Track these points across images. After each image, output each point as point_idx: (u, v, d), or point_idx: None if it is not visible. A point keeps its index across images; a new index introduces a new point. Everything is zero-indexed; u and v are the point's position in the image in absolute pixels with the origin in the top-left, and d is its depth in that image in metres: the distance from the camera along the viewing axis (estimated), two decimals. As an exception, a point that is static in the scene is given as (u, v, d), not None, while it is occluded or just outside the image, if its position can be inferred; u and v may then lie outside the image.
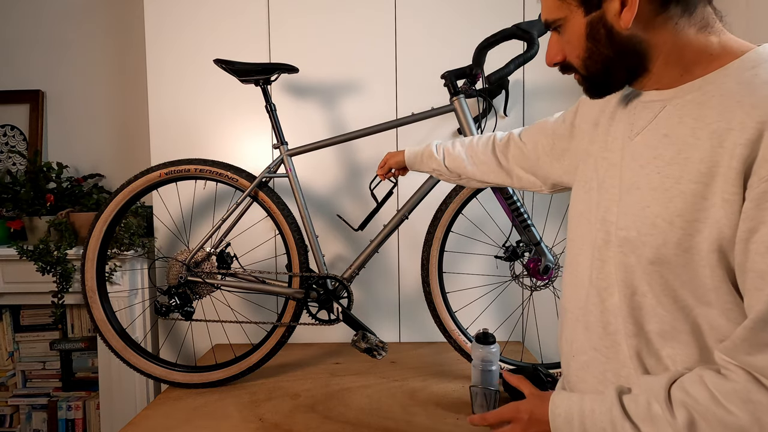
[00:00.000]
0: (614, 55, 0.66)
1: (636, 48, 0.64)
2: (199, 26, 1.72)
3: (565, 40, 0.70)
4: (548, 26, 0.71)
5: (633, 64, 0.66)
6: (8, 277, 1.78)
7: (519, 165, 1.03)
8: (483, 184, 1.14)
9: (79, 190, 1.89)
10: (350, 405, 1.31)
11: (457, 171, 1.14)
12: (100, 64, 2.03)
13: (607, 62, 0.67)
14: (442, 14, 1.69)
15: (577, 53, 0.69)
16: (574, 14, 0.66)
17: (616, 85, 0.71)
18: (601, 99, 0.77)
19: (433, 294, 1.44)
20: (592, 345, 0.73)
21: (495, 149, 1.07)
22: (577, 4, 0.65)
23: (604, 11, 0.64)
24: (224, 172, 1.42)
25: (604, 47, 0.66)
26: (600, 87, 0.72)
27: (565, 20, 0.67)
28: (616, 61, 0.66)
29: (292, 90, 1.73)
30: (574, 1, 0.66)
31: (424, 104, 1.69)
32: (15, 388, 1.96)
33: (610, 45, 0.65)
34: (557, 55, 0.72)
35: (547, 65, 0.75)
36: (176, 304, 1.39)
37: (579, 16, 0.66)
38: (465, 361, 1.47)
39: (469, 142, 1.14)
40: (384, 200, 1.39)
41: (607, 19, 0.64)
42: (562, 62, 0.72)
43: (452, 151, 1.14)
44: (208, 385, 1.43)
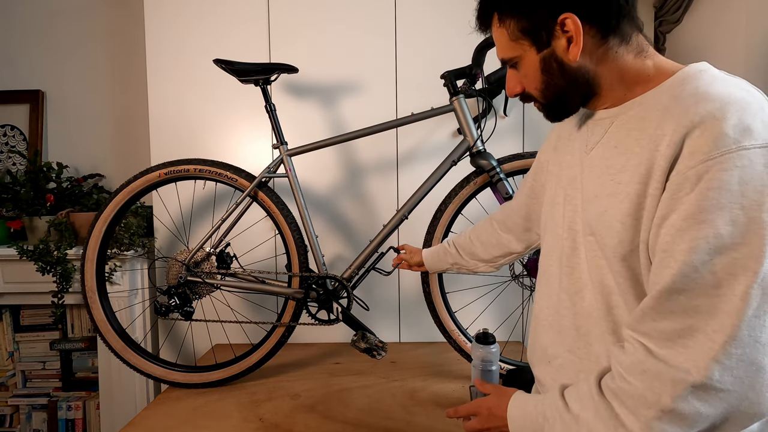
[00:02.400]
0: (567, 84, 0.74)
1: (585, 76, 0.73)
2: (199, 26, 1.72)
3: (522, 74, 0.78)
4: (504, 63, 0.79)
5: (584, 90, 0.74)
6: (8, 277, 1.78)
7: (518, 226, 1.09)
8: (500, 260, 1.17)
9: (79, 190, 1.89)
10: (350, 405, 1.31)
11: (475, 257, 1.19)
12: (100, 64, 2.03)
13: (562, 91, 0.75)
14: (442, 14, 1.69)
15: (534, 85, 0.77)
16: (527, 52, 0.75)
17: (572, 108, 0.79)
18: (559, 123, 0.89)
19: (433, 294, 1.44)
20: (567, 348, 0.79)
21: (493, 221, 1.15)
22: (529, 44, 0.74)
23: (554, 48, 0.72)
24: (224, 172, 1.42)
25: (558, 78, 0.74)
26: (558, 112, 0.79)
27: (520, 58, 0.76)
28: (569, 89, 0.74)
29: (292, 90, 1.73)
30: (525, 42, 0.74)
31: (424, 104, 1.69)
32: (15, 388, 1.96)
33: (562, 76, 0.73)
34: (516, 87, 0.80)
35: (509, 96, 0.83)
36: (176, 304, 1.39)
37: (532, 54, 0.74)
38: (465, 361, 1.47)
39: (473, 227, 1.22)
40: None
41: (557, 54, 0.72)
42: (522, 93, 0.80)
43: (461, 241, 1.22)
44: (208, 385, 1.43)
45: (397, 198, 1.74)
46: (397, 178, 1.74)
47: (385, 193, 1.74)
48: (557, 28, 0.70)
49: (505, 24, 0.74)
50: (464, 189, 1.40)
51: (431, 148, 1.72)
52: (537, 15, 0.71)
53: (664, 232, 0.60)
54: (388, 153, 1.74)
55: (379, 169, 1.74)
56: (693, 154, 0.59)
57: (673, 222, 0.59)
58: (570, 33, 0.70)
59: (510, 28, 0.74)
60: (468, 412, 0.84)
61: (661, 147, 0.63)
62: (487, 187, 1.40)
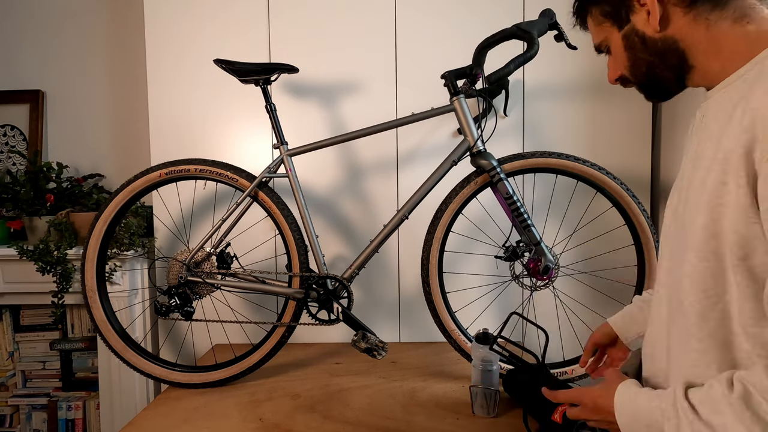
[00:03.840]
0: (653, 58, 0.73)
1: (671, 47, 0.70)
2: (199, 26, 1.72)
3: (614, 58, 0.79)
4: (599, 50, 0.82)
5: (674, 64, 0.71)
6: (8, 277, 1.78)
7: None
8: None
9: (79, 190, 1.89)
10: (350, 405, 1.31)
11: None
12: (100, 64, 2.03)
13: (649, 66, 0.74)
14: (442, 14, 1.69)
15: (624, 65, 0.78)
16: (611, 33, 0.76)
17: (668, 85, 0.76)
18: None
19: (433, 294, 1.44)
20: None
21: None
22: (611, 24, 0.76)
23: (634, 23, 0.72)
24: (224, 172, 1.42)
25: (642, 53, 0.73)
26: (654, 90, 0.78)
27: (608, 40, 0.78)
28: (657, 64, 0.73)
29: (292, 90, 1.73)
30: (607, 23, 0.76)
31: (424, 104, 1.69)
32: (15, 388, 1.96)
33: (645, 50, 0.73)
34: (615, 72, 0.81)
35: (610, 83, 0.84)
36: (176, 304, 1.39)
37: (615, 34, 0.76)
38: (465, 361, 1.47)
39: None
40: None
41: (638, 28, 0.72)
42: (621, 77, 0.80)
43: None
44: (208, 385, 1.43)
45: (397, 198, 1.74)
46: (397, 178, 1.74)
47: (385, 193, 1.74)
48: (634, 2, 0.71)
49: (591, 13, 0.78)
50: (464, 189, 1.40)
51: (431, 148, 1.72)
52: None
53: None
54: (388, 153, 1.74)
55: (379, 169, 1.74)
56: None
57: None
58: (647, 4, 0.69)
59: (594, 15, 0.77)
60: (570, 399, 0.82)
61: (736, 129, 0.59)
62: (487, 187, 1.40)
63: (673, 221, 0.77)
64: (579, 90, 1.69)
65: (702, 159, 0.67)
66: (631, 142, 1.69)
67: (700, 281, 0.65)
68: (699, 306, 0.65)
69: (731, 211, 0.60)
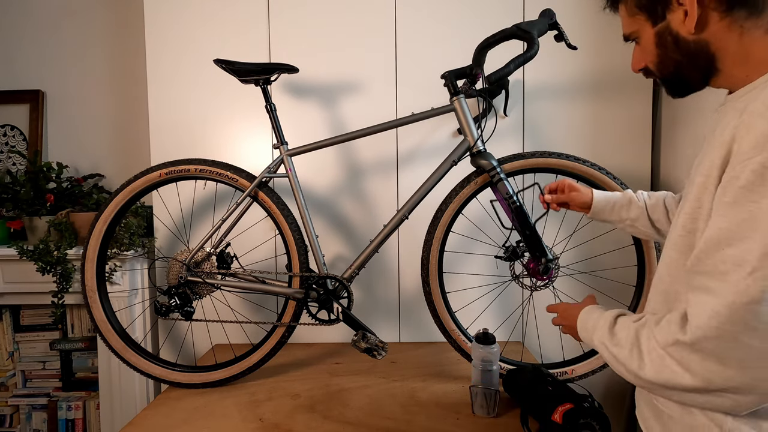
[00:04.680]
0: (683, 59, 0.73)
1: (703, 51, 0.71)
2: (199, 26, 1.72)
3: (641, 49, 0.79)
4: (627, 39, 0.81)
5: (703, 66, 0.73)
6: (8, 277, 1.78)
7: None
8: None
9: (79, 190, 1.89)
10: (350, 405, 1.31)
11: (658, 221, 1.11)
12: (100, 64, 2.03)
13: (677, 65, 0.75)
14: (442, 14, 1.69)
15: (651, 59, 0.78)
16: (644, 27, 0.76)
17: (693, 84, 0.77)
18: None
19: (433, 294, 1.44)
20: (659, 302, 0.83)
21: None
22: (645, 18, 0.75)
23: (669, 21, 0.72)
24: (224, 172, 1.42)
25: (673, 52, 0.74)
26: (677, 87, 0.79)
27: (638, 32, 0.78)
28: (686, 64, 0.74)
29: (292, 90, 1.73)
30: (642, 16, 0.76)
31: (424, 104, 1.69)
32: (15, 388, 1.96)
33: (677, 50, 0.73)
34: (639, 63, 0.81)
35: (633, 71, 0.84)
36: (176, 304, 1.39)
37: (648, 28, 0.76)
38: (465, 361, 1.47)
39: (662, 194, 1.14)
40: None
41: (673, 27, 0.72)
42: (645, 68, 0.81)
43: (650, 200, 1.13)
44: (208, 385, 1.43)
45: (397, 198, 1.74)
46: (397, 178, 1.74)
47: (385, 193, 1.74)
48: (673, 1, 0.70)
49: (625, 1, 0.77)
50: (464, 189, 1.40)
51: (431, 148, 1.72)
52: None
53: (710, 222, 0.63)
54: (388, 153, 1.74)
55: (379, 169, 1.74)
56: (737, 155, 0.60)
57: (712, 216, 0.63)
58: (686, 6, 0.69)
59: (628, 4, 0.77)
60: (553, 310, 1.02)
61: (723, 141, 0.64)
62: (487, 187, 1.40)
63: None
64: (579, 90, 1.69)
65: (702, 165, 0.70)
66: (631, 142, 1.69)
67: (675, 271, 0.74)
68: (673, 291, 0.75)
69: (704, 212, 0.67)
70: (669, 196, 1.12)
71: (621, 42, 1.64)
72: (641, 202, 1.13)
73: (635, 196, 1.15)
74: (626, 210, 1.14)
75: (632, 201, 1.14)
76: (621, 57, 1.67)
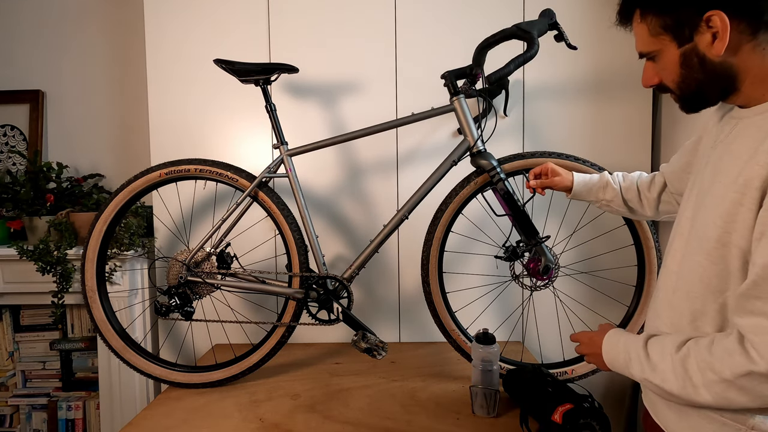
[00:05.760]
0: (706, 79, 0.74)
1: (727, 72, 0.73)
2: (199, 26, 1.72)
3: (660, 67, 0.79)
4: (643, 56, 0.80)
5: (725, 85, 0.74)
6: (8, 277, 1.78)
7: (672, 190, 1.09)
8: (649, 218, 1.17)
9: (79, 190, 1.89)
10: (350, 405, 1.31)
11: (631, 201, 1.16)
12: (100, 64, 2.03)
13: (700, 85, 0.75)
14: (442, 14, 1.69)
15: (672, 78, 0.78)
16: (667, 47, 0.75)
17: (710, 102, 0.79)
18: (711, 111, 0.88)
19: (433, 294, 1.44)
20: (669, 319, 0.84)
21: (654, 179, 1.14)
22: (670, 39, 0.74)
23: (696, 43, 0.72)
24: (224, 172, 1.42)
25: (698, 73, 0.74)
26: (694, 104, 0.80)
27: (660, 52, 0.77)
28: (708, 84, 0.75)
29: (292, 90, 1.73)
30: (666, 37, 0.74)
31: (424, 104, 1.69)
32: (15, 388, 1.96)
33: (702, 71, 0.74)
34: (653, 79, 0.81)
35: (643, 86, 0.85)
36: (176, 304, 1.39)
37: (672, 49, 0.75)
38: (465, 361, 1.48)
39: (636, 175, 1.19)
40: None
41: (700, 49, 0.72)
42: (658, 84, 0.81)
43: (624, 183, 1.18)
44: (208, 385, 1.43)
45: (397, 198, 1.74)
46: (397, 178, 1.74)
47: (385, 193, 1.74)
48: (702, 23, 0.70)
49: (647, 20, 0.76)
50: (464, 189, 1.40)
51: (431, 148, 1.72)
52: (682, 12, 0.72)
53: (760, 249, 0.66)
54: (388, 153, 1.74)
55: (379, 169, 1.74)
56: None
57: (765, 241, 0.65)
58: (715, 29, 0.69)
59: (651, 24, 0.75)
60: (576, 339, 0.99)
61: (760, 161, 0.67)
62: (487, 187, 1.40)
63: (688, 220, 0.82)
64: (579, 90, 1.69)
65: (724, 175, 0.73)
66: (631, 142, 1.69)
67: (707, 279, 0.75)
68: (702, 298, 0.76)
69: (740, 227, 0.69)
70: (642, 178, 1.17)
71: (621, 42, 1.65)
72: (616, 184, 1.18)
73: (611, 179, 1.20)
74: (602, 192, 1.20)
75: (608, 183, 1.19)
76: (621, 57, 1.67)
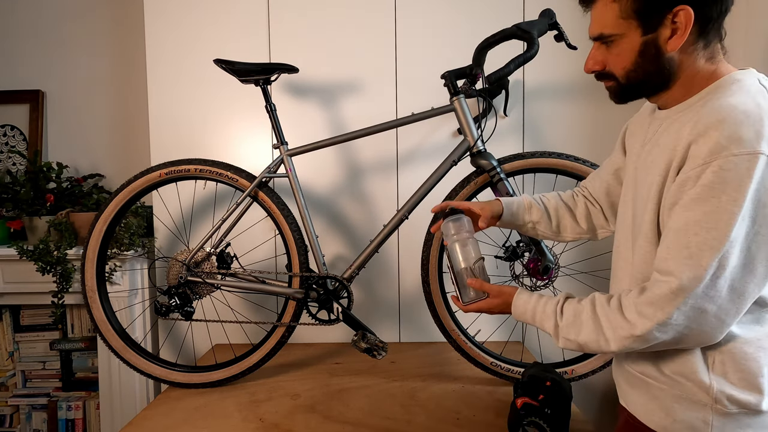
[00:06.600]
0: (655, 71, 0.78)
1: (672, 68, 0.78)
2: (199, 26, 1.72)
3: (615, 52, 0.80)
4: (599, 39, 0.81)
5: (664, 81, 0.79)
6: (8, 277, 1.78)
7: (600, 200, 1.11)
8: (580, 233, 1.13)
9: (79, 190, 1.89)
10: (350, 405, 1.31)
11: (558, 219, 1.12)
12: (100, 64, 2.03)
13: (647, 76, 0.79)
14: (442, 14, 1.69)
15: (623, 65, 0.80)
16: (631, 32, 0.77)
17: (642, 95, 0.84)
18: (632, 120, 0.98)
19: (433, 294, 1.44)
20: None
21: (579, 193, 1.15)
22: (637, 25, 0.76)
23: (658, 35, 0.76)
24: (224, 172, 1.42)
25: (651, 64, 0.78)
26: (629, 95, 0.84)
27: (621, 36, 0.78)
28: (654, 76, 0.79)
29: (292, 90, 1.73)
30: (634, 22, 0.76)
31: (424, 104, 1.69)
32: (15, 388, 1.96)
33: (655, 63, 0.78)
34: (597, 65, 0.84)
35: (585, 72, 0.86)
36: (176, 304, 1.39)
37: (636, 36, 0.77)
38: (465, 361, 1.48)
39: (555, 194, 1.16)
40: None
41: (659, 41, 0.76)
42: (601, 71, 0.84)
43: (549, 201, 1.14)
44: (208, 385, 1.43)
45: (397, 198, 1.74)
46: (397, 178, 1.74)
47: (385, 193, 1.74)
48: (669, 16, 0.74)
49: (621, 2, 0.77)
50: (464, 189, 1.40)
51: (431, 148, 1.72)
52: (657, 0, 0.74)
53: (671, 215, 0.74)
54: (388, 153, 1.74)
55: (379, 169, 1.74)
56: (695, 158, 0.71)
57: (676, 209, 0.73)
58: (678, 25, 0.74)
59: (624, 5, 0.76)
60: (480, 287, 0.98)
61: (679, 147, 0.74)
62: (487, 187, 1.40)
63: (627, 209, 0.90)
64: (579, 90, 1.69)
65: (655, 165, 0.79)
66: (631, 142, 1.69)
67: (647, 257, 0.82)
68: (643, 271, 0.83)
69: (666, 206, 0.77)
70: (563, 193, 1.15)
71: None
72: (540, 205, 1.13)
73: (533, 199, 1.14)
74: (528, 213, 1.13)
75: (532, 204, 1.13)
76: (621, 57, 1.67)
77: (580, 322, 0.82)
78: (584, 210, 1.12)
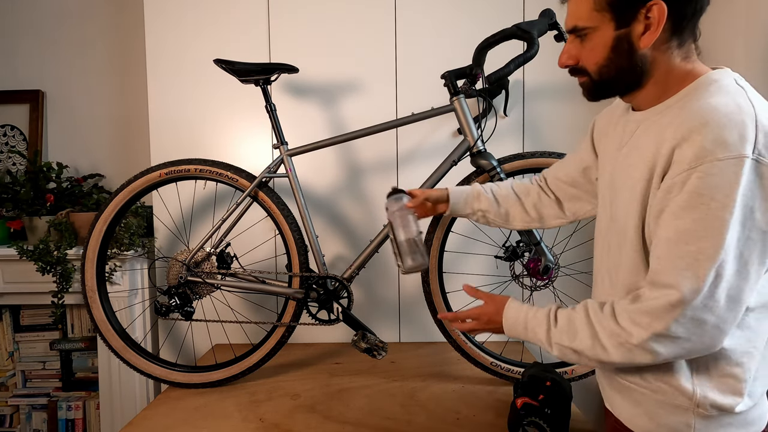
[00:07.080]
0: (627, 68, 0.77)
1: (644, 66, 0.77)
2: (199, 26, 1.72)
3: (588, 47, 0.79)
4: (573, 32, 0.80)
5: (636, 79, 0.78)
6: (8, 277, 1.78)
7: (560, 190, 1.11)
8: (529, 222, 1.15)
9: (79, 190, 1.89)
10: (350, 405, 1.31)
11: (506, 207, 1.15)
12: (100, 64, 2.03)
13: (620, 73, 0.78)
14: (442, 14, 1.69)
15: (596, 60, 0.79)
16: (605, 26, 0.76)
17: (614, 92, 0.83)
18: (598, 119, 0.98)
19: (433, 294, 1.44)
20: None
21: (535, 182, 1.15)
22: (610, 18, 0.75)
23: (631, 29, 0.75)
24: (224, 172, 1.42)
25: (623, 60, 0.77)
26: (601, 92, 0.83)
27: (595, 29, 0.77)
28: (627, 73, 0.78)
29: (292, 90, 1.73)
30: (608, 15, 0.75)
31: (424, 104, 1.69)
32: (15, 388, 1.96)
33: (628, 59, 0.77)
34: (571, 59, 0.82)
35: (559, 66, 0.84)
36: (176, 304, 1.39)
37: (609, 30, 0.76)
38: (465, 361, 1.48)
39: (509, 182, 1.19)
40: None
41: (631, 37, 0.75)
42: (574, 66, 0.83)
43: (500, 190, 1.16)
44: (208, 385, 1.43)
45: (397, 198, 1.74)
46: (397, 178, 1.74)
47: (385, 193, 1.72)
48: (642, 11, 0.73)
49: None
50: (464, 189, 1.40)
51: (431, 148, 1.72)
52: None
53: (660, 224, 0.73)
54: (388, 153, 1.74)
55: (379, 169, 1.74)
56: (679, 164, 0.70)
57: (664, 217, 0.72)
58: (651, 21, 0.73)
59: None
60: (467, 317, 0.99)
61: (662, 150, 0.72)
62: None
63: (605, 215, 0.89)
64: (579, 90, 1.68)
65: (634, 169, 0.78)
66: (631, 142, 1.69)
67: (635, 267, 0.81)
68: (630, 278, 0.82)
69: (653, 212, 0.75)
70: (516, 182, 1.17)
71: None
72: (489, 193, 1.16)
73: (482, 188, 1.17)
74: (477, 201, 1.16)
75: (480, 193, 1.16)
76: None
77: (574, 328, 0.81)
78: (535, 199, 1.13)
